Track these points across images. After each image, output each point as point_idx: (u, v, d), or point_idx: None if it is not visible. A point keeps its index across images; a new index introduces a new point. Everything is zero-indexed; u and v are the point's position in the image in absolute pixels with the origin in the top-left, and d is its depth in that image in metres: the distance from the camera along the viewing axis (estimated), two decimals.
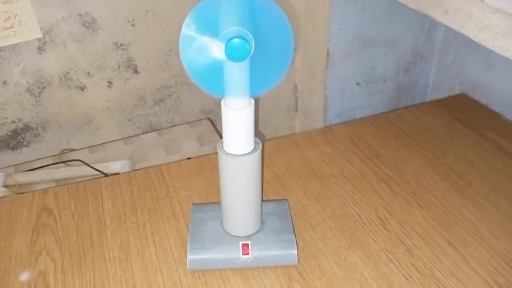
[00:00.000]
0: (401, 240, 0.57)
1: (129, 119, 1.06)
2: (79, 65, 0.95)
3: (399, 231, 0.58)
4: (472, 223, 0.59)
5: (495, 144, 0.72)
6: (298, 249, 0.53)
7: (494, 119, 0.79)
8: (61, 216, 0.62)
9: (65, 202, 0.64)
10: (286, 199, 0.60)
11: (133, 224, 0.60)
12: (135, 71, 1.01)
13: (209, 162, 0.71)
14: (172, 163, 0.72)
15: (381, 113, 0.84)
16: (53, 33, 0.90)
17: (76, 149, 1.00)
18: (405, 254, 0.55)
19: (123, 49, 0.96)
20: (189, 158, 0.91)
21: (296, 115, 1.24)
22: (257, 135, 0.49)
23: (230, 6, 0.37)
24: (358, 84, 1.05)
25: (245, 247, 0.51)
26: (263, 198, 0.57)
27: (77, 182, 0.67)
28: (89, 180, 0.68)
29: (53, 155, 0.99)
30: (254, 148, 0.48)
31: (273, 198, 0.63)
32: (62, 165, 0.94)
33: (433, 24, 1.02)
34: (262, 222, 0.55)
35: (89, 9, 0.90)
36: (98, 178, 0.69)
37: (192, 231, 0.54)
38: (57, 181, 0.90)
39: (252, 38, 0.36)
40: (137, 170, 0.71)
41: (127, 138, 1.04)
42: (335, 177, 0.67)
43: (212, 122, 1.08)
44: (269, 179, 0.67)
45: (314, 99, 1.12)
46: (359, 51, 1.00)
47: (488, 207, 0.61)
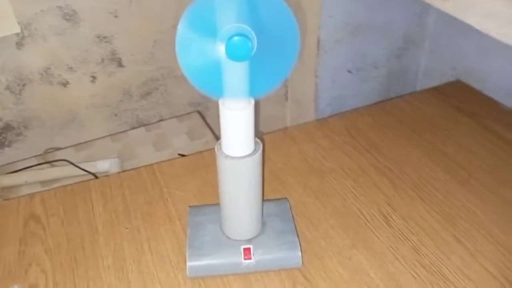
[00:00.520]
0: (405, 236, 0.55)
1: (115, 114, 1.02)
2: (61, 60, 0.91)
3: (403, 227, 0.57)
4: (477, 216, 0.57)
5: (497, 134, 0.71)
6: (301, 251, 0.51)
7: (494, 107, 0.77)
8: (50, 224, 0.58)
9: (53, 208, 0.61)
10: (286, 198, 0.58)
11: (126, 229, 0.57)
12: (120, 64, 0.96)
13: (202, 159, 0.69)
14: (164, 162, 0.69)
15: (377, 103, 0.82)
16: (32, 27, 0.85)
17: (61, 148, 0.96)
18: (410, 251, 0.53)
19: (106, 41, 0.92)
20: (180, 154, 0.88)
21: (287, 105, 1.22)
22: (257, 133, 0.46)
23: (229, 1, 0.33)
24: (349, 71, 1.03)
25: (247, 251, 0.49)
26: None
27: (64, 186, 0.64)
28: (77, 183, 0.65)
29: (37, 155, 0.95)
30: (255, 149, 0.45)
31: (272, 197, 0.60)
32: (47, 165, 0.90)
33: (425, 9, 0.99)
34: (263, 223, 0.52)
35: (69, 1, 0.85)
36: (87, 180, 0.66)
37: (190, 236, 0.52)
38: (42, 183, 0.86)
39: (254, 35, 0.33)
40: (128, 171, 0.67)
41: (114, 134, 1.00)
42: (334, 172, 0.65)
43: (201, 115, 1.05)
44: (266, 176, 0.64)
45: (304, 88, 1.09)
46: (350, 38, 0.98)
47: (492, 199, 0.60)
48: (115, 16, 0.90)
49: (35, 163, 0.91)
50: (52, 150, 0.96)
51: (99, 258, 0.54)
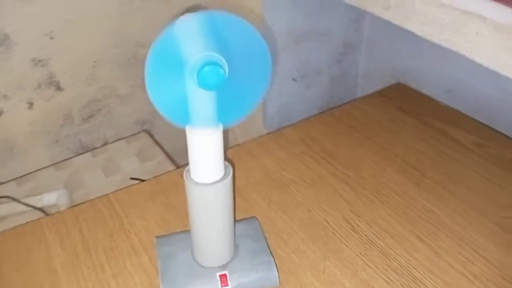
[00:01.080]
0: (372, 241, 0.57)
1: (56, 141, 0.96)
2: None
3: (369, 232, 0.58)
4: (435, 214, 0.60)
5: (438, 130, 0.75)
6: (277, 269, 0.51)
7: (433, 105, 0.81)
8: (3, 272, 0.54)
9: (4, 254, 0.56)
10: (255, 217, 0.57)
11: (89, 268, 0.54)
12: (58, 88, 0.91)
13: (160, 184, 0.66)
14: (120, 190, 0.65)
15: (326, 111, 0.83)
16: None
17: (1, 183, 0.89)
18: (379, 256, 0.55)
19: (42, 65, 0.87)
20: (132, 178, 0.85)
21: None
22: (225, 157, 0.45)
23: (193, 31, 0.32)
24: (294, 80, 1.04)
25: (223, 278, 0.48)
26: None
27: (15, 227, 0.59)
28: (27, 222, 0.60)
29: None
30: (225, 173, 0.44)
31: (238, 215, 0.60)
32: None
33: (361, 14, 1.03)
34: (235, 246, 0.51)
35: (0, 24, 0.79)
36: (38, 219, 0.61)
37: (162, 268, 0.50)
38: None
39: (224, 61, 0.33)
40: (81, 204, 0.64)
41: (58, 163, 0.94)
42: (295, 184, 0.66)
43: (150, 134, 1.02)
44: None
45: None
46: (293, 46, 0.99)
47: (446, 195, 0.63)
48: (51, 38, 0.85)
49: None
50: None
51: None
